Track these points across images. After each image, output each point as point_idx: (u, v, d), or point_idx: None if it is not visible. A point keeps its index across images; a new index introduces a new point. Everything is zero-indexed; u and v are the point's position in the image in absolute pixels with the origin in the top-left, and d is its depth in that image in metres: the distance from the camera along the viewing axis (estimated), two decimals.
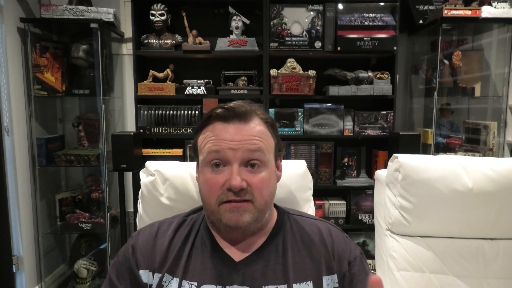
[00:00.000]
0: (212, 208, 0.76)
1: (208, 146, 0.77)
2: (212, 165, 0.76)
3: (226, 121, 0.77)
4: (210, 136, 0.77)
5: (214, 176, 0.76)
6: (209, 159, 0.76)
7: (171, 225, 0.85)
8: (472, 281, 1.14)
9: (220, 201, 0.75)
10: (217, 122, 0.78)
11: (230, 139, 0.75)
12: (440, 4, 2.29)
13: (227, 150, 0.75)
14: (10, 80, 1.99)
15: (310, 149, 2.30)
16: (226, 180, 0.74)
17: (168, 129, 2.27)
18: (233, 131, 0.76)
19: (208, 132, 0.78)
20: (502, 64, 2.29)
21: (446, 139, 2.32)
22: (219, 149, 0.75)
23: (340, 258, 0.81)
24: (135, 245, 0.83)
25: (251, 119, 0.78)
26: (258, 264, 0.78)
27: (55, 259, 2.44)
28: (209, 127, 0.79)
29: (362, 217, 2.34)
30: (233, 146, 0.75)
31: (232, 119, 0.77)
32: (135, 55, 2.22)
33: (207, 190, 0.77)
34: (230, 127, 0.77)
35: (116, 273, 0.82)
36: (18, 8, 2.08)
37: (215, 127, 0.78)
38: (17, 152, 2.04)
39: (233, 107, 0.78)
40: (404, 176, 1.16)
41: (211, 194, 0.76)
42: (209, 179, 0.76)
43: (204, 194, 0.78)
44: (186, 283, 0.76)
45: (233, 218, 0.74)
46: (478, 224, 1.16)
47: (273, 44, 2.20)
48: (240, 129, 0.76)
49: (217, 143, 0.76)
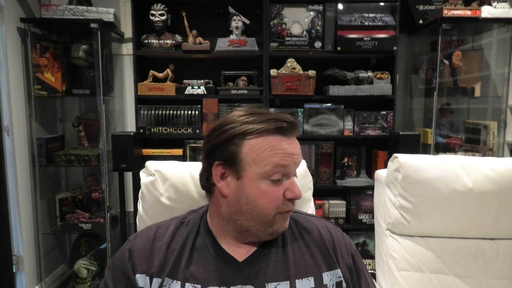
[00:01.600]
0: (269, 218, 0.77)
1: (275, 160, 0.74)
2: (277, 178, 0.75)
3: (287, 134, 0.77)
4: (272, 149, 0.75)
5: (275, 188, 0.76)
6: (274, 173, 0.75)
7: (168, 228, 0.85)
8: (472, 281, 1.14)
9: (279, 211, 0.77)
10: (277, 135, 0.76)
11: (293, 153, 0.76)
12: (440, 4, 2.29)
13: (292, 164, 0.77)
14: (10, 80, 1.99)
15: (310, 149, 2.30)
16: (285, 190, 0.76)
17: (168, 129, 2.27)
18: (294, 145, 0.77)
19: (272, 143, 0.75)
20: (502, 64, 2.29)
21: (446, 139, 2.32)
22: (287, 164, 0.75)
23: (343, 252, 0.84)
24: (132, 249, 0.82)
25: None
26: (260, 262, 0.79)
27: (55, 259, 2.44)
28: (264, 138, 0.75)
29: (362, 217, 2.34)
30: (296, 161, 0.77)
31: (293, 133, 0.78)
32: (135, 55, 2.22)
33: (268, 202, 0.76)
34: (293, 141, 0.78)
35: (112, 277, 0.81)
36: (18, 8, 2.08)
37: (276, 139, 0.75)
38: (17, 152, 2.04)
39: (293, 121, 0.77)
40: (404, 176, 1.16)
41: (272, 205, 0.76)
42: (270, 192, 0.76)
43: (262, 206, 0.76)
44: (189, 285, 0.76)
45: (285, 225, 0.80)
46: (478, 224, 1.16)
47: (273, 44, 2.20)
48: (296, 142, 0.79)
49: (286, 158, 0.75)
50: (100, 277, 2.37)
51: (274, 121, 0.75)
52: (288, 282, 0.76)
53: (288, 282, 0.76)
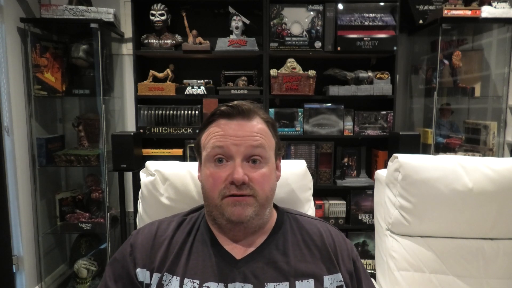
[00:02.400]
0: (215, 202, 0.78)
1: (213, 141, 0.79)
2: (215, 160, 0.78)
3: (229, 118, 0.80)
4: (214, 132, 0.80)
5: (217, 170, 0.78)
6: (213, 154, 0.78)
7: (170, 224, 0.86)
8: (472, 281, 1.14)
9: (223, 195, 0.77)
10: (221, 119, 0.81)
11: (234, 134, 0.78)
12: (440, 4, 2.29)
13: (231, 145, 0.77)
14: (10, 80, 1.99)
15: (310, 149, 2.30)
16: (229, 174, 0.76)
17: (168, 129, 2.27)
18: (236, 127, 0.78)
19: (212, 128, 0.81)
20: (502, 64, 2.29)
21: (446, 139, 2.32)
22: (223, 144, 0.77)
23: (344, 257, 0.84)
24: (134, 243, 0.83)
25: (253, 117, 0.81)
26: (259, 262, 0.79)
27: (55, 259, 2.44)
28: (213, 124, 0.81)
29: (362, 217, 2.34)
30: (236, 142, 0.77)
31: (236, 116, 0.80)
32: (135, 55, 2.22)
33: (211, 184, 0.78)
34: (233, 123, 0.79)
35: (112, 271, 0.82)
36: (18, 8, 2.08)
37: (219, 123, 0.80)
38: (17, 152, 2.04)
39: (237, 105, 0.81)
40: (404, 176, 1.16)
41: (214, 188, 0.78)
42: (212, 173, 0.78)
43: (207, 189, 0.80)
44: (188, 281, 0.77)
45: (236, 211, 0.76)
46: (478, 224, 1.16)
47: (273, 44, 2.20)
48: (243, 125, 0.79)
49: (221, 139, 0.78)
50: (100, 277, 2.37)
51: (222, 107, 0.81)
52: (287, 283, 0.76)
53: (288, 283, 0.76)
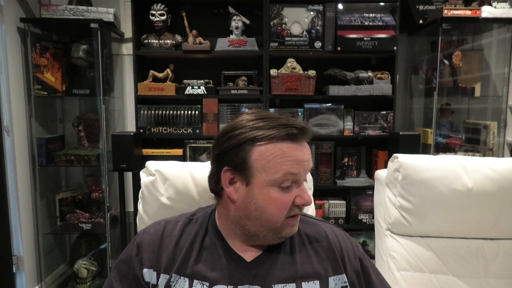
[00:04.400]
0: (277, 224, 0.77)
1: (285, 168, 0.73)
2: (287, 185, 0.75)
3: (297, 141, 0.76)
4: (283, 156, 0.74)
5: (284, 195, 0.75)
6: (284, 180, 0.74)
7: (177, 224, 0.85)
8: (472, 281, 1.14)
9: (288, 216, 0.77)
10: (287, 141, 0.75)
11: (304, 159, 0.76)
12: (440, 4, 2.29)
13: (302, 172, 0.76)
14: (10, 80, 1.99)
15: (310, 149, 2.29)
16: (295, 197, 0.76)
17: (168, 129, 2.26)
18: (305, 152, 0.77)
19: (275, 150, 0.74)
20: (502, 64, 2.29)
21: (446, 139, 2.32)
22: (297, 172, 0.75)
23: (350, 256, 0.84)
24: (140, 243, 0.82)
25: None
26: (267, 264, 0.79)
27: (55, 259, 2.44)
28: (274, 144, 0.74)
29: (362, 217, 2.34)
30: (306, 167, 0.77)
31: (302, 139, 0.77)
32: (135, 55, 2.22)
33: (277, 209, 0.75)
34: (303, 147, 0.77)
35: (118, 272, 0.82)
36: (18, 8, 2.08)
37: (286, 146, 0.74)
38: (17, 152, 2.04)
39: (304, 126, 0.76)
40: (404, 176, 1.16)
41: (281, 212, 0.76)
42: (280, 199, 0.75)
43: (270, 213, 0.75)
44: (197, 283, 0.77)
45: (294, 229, 0.80)
46: (478, 224, 1.16)
47: (273, 44, 2.20)
48: (307, 148, 0.78)
49: (296, 165, 0.74)
50: (100, 277, 2.37)
51: (285, 127, 0.74)
52: (294, 284, 0.77)
53: (294, 284, 0.77)
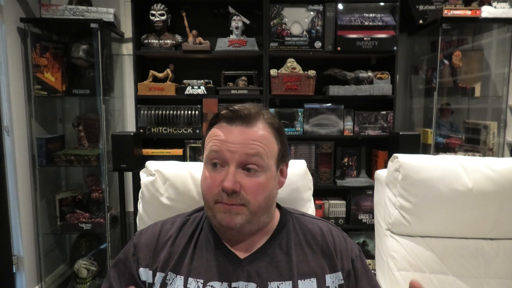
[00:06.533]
0: (209, 205, 0.79)
1: (210, 145, 0.79)
2: (211, 164, 0.78)
3: (230, 122, 0.79)
4: (213, 134, 0.79)
5: (213, 174, 0.78)
6: (209, 158, 0.79)
7: (174, 224, 0.86)
8: (472, 281, 1.14)
9: (215, 200, 0.77)
10: (223, 122, 0.79)
11: (231, 141, 0.77)
12: (440, 4, 2.29)
13: (226, 151, 0.76)
14: (10, 80, 1.99)
15: (310, 149, 2.30)
16: (222, 180, 0.76)
17: (168, 129, 2.27)
18: (235, 133, 0.77)
19: (213, 130, 0.80)
20: (502, 64, 2.29)
21: (446, 139, 2.32)
22: (219, 149, 0.77)
23: (343, 256, 0.84)
24: (137, 243, 0.84)
25: (255, 122, 0.79)
26: (262, 261, 0.79)
27: (55, 259, 2.44)
28: (216, 126, 0.81)
29: (362, 217, 2.34)
30: (232, 149, 0.76)
31: (236, 121, 0.78)
32: (135, 55, 2.22)
33: (206, 187, 0.79)
34: (233, 129, 0.78)
35: (116, 272, 0.83)
36: (18, 8, 2.08)
37: (220, 127, 0.79)
38: (17, 152, 2.04)
39: (238, 109, 0.78)
40: (404, 176, 1.16)
41: (209, 191, 0.78)
42: (208, 177, 0.79)
43: (203, 191, 0.81)
44: (192, 280, 0.77)
45: (226, 219, 0.76)
46: (478, 224, 1.16)
47: (273, 44, 2.20)
48: (242, 132, 0.77)
49: (218, 144, 0.77)
50: (100, 277, 2.37)
51: (224, 110, 0.80)
52: (290, 282, 0.77)
53: (291, 282, 0.77)
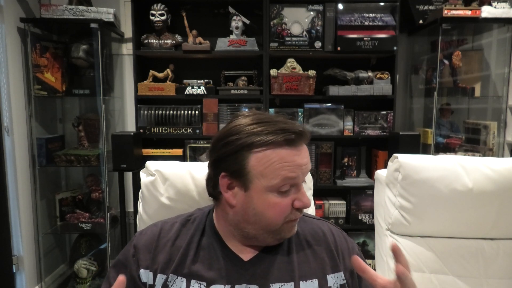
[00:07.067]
0: (277, 228, 0.77)
1: (284, 173, 0.73)
2: (283, 190, 0.74)
3: (295, 145, 0.74)
4: (281, 162, 0.73)
5: (283, 199, 0.75)
6: (282, 185, 0.74)
7: (174, 225, 0.86)
8: (472, 281, 1.14)
9: (287, 220, 0.76)
10: (285, 146, 0.73)
11: (304, 163, 0.75)
12: (440, 4, 2.29)
13: (301, 175, 0.75)
14: (10, 80, 1.99)
15: (310, 149, 2.30)
16: (293, 199, 0.76)
17: (168, 129, 2.27)
18: (303, 154, 0.75)
19: (273, 155, 0.73)
20: (502, 64, 2.29)
21: (446, 139, 2.32)
22: (295, 176, 0.74)
23: (345, 255, 0.84)
24: (137, 244, 0.83)
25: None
26: (265, 263, 0.79)
27: (55, 259, 2.44)
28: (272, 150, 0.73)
29: (362, 217, 2.34)
30: (304, 170, 0.76)
31: (300, 143, 0.75)
32: (135, 55, 2.22)
33: (276, 213, 0.75)
34: (301, 151, 0.75)
35: (116, 273, 0.82)
36: (18, 8, 2.08)
37: (284, 151, 0.73)
38: (17, 152, 2.04)
39: (301, 130, 0.75)
40: (404, 176, 1.16)
41: (280, 216, 0.75)
42: (278, 203, 0.75)
43: (270, 217, 0.75)
44: (195, 282, 0.77)
45: (292, 231, 0.80)
46: (478, 224, 1.16)
47: (273, 44, 2.20)
48: (305, 150, 0.77)
49: (295, 170, 0.74)
50: (100, 277, 2.37)
51: (282, 132, 0.73)
52: (292, 283, 0.77)
53: (293, 283, 0.77)
